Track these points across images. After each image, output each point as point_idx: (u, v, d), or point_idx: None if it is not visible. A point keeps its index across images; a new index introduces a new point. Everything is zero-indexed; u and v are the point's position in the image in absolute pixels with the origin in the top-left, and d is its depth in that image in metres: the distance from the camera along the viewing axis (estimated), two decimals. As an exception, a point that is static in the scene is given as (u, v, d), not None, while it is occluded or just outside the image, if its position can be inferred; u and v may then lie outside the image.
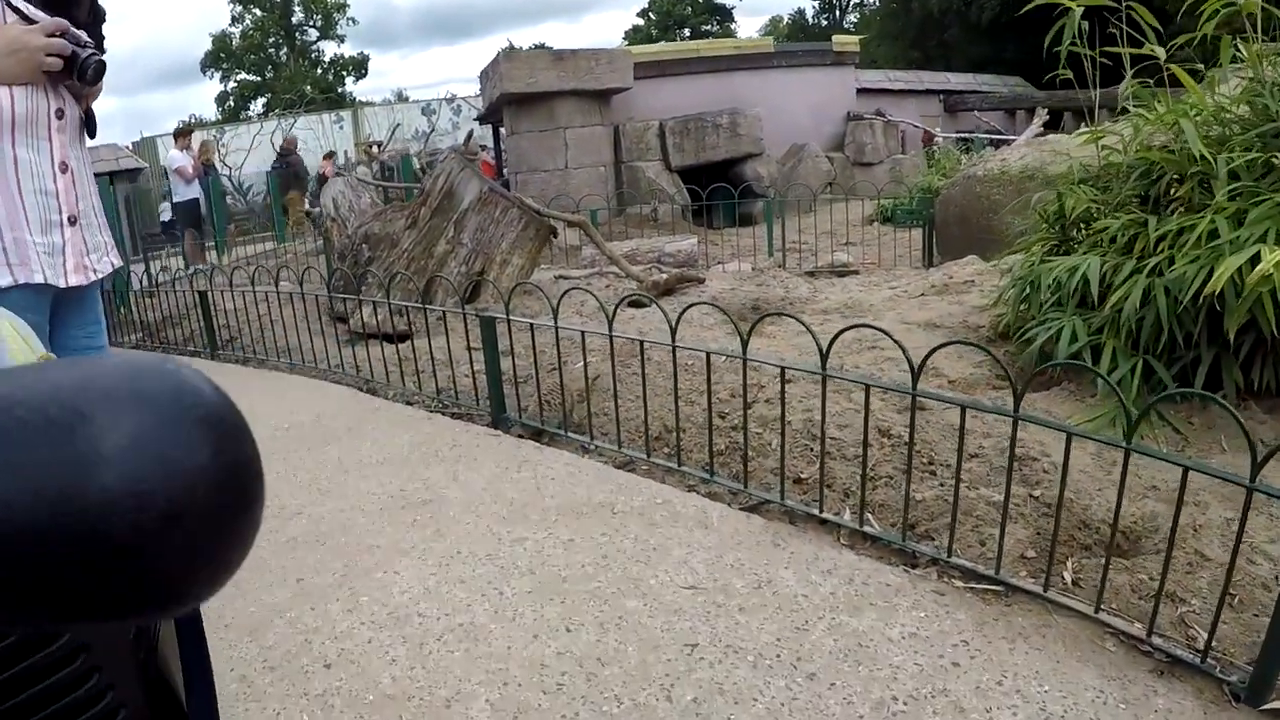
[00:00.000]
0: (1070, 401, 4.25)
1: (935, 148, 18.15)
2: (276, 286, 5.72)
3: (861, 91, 19.59)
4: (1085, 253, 4.46)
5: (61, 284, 2.61)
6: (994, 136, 18.85)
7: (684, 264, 8.67)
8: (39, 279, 2.54)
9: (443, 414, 4.78)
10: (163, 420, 0.45)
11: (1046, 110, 19.35)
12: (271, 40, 52.44)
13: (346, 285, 6.16)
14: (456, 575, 2.96)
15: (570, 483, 3.63)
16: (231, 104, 51.06)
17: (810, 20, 57.69)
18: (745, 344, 3.28)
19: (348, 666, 2.52)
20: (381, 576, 3.00)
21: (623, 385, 4.69)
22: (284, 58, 52.55)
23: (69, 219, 2.61)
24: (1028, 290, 4.69)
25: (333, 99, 46.19)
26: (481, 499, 3.53)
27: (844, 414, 3.99)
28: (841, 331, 3.12)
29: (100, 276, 2.78)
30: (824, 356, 3.07)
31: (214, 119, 45.01)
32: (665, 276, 7.05)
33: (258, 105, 49.44)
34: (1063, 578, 2.88)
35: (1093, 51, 4.84)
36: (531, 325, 4.20)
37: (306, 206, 15.58)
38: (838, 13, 56.48)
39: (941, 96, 24.05)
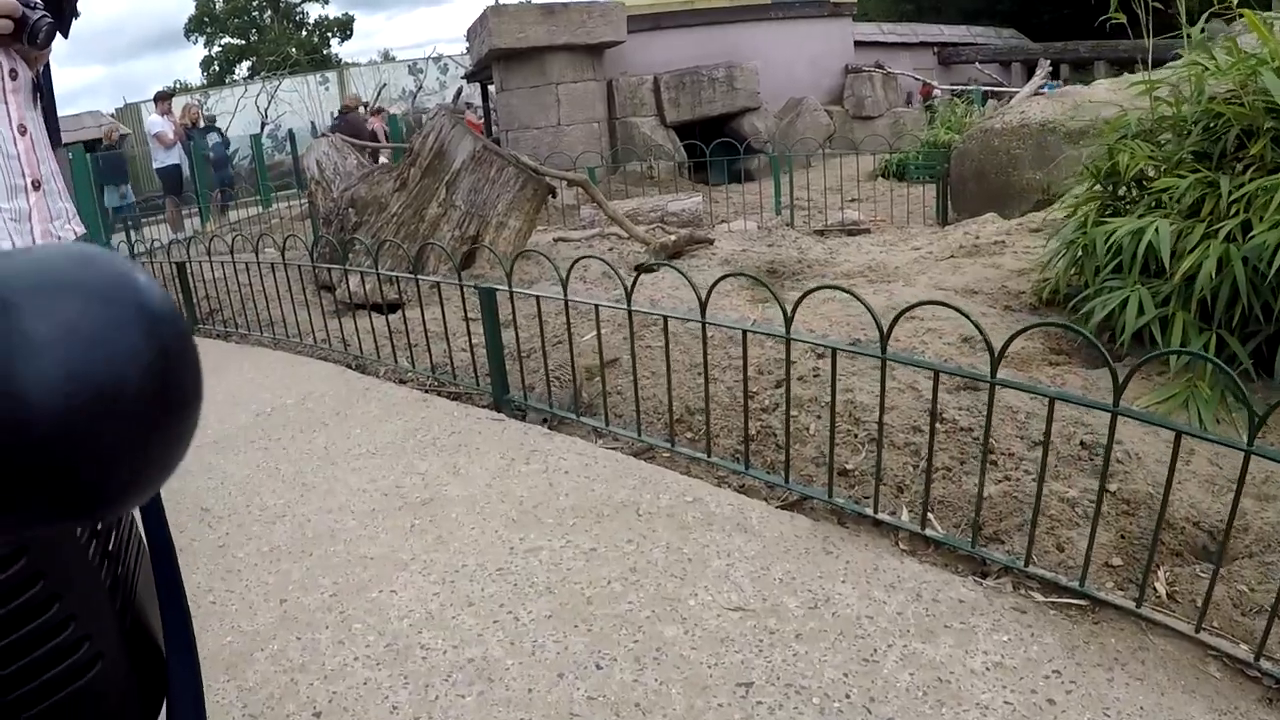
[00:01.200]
0: (1136, 380, 3.85)
1: (935, 100, 17.64)
2: (258, 256, 5.26)
3: (855, 45, 19.07)
4: (1143, 215, 4.06)
5: None
6: (994, 89, 18.37)
7: (688, 223, 8.24)
8: (6, 246, 2.23)
9: (439, 394, 4.37)
10: (95, 307, 0.45)
11: (1050, 62, 18.89)
12: (255, 3, 51.44)
13: (333, 254, 5.72)
14: (463, 595, 2.56)
15: (586, 476, 3.22)
16: (216, 68, 50.15)
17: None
18: (789, 321, 2.86)
19: (340, 715, 2.12)
20: (377, 596, 2.60)
21: (629, 360, 4.29)
22: (268, 21, 51.59)
23: (33, 183, 2.45)
24: (1080, 255, 4.29)
25: (318, 60, 45.38)
26: (487, 497, 3.13)
27: (890, 395, 3.59)
28: (905, 311, 2.71)
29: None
30: (884, 338, 2.67)
31: (199, 84, 44.23)
32: (673, 238, 6.61)
33: (243, 69, 48.55)
34: (1154, 589, 2.51)
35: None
36: (538, 298, 3.78)
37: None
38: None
39: (935, 49, 23.57)
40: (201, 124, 16.62)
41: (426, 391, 4.41)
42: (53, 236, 2.55)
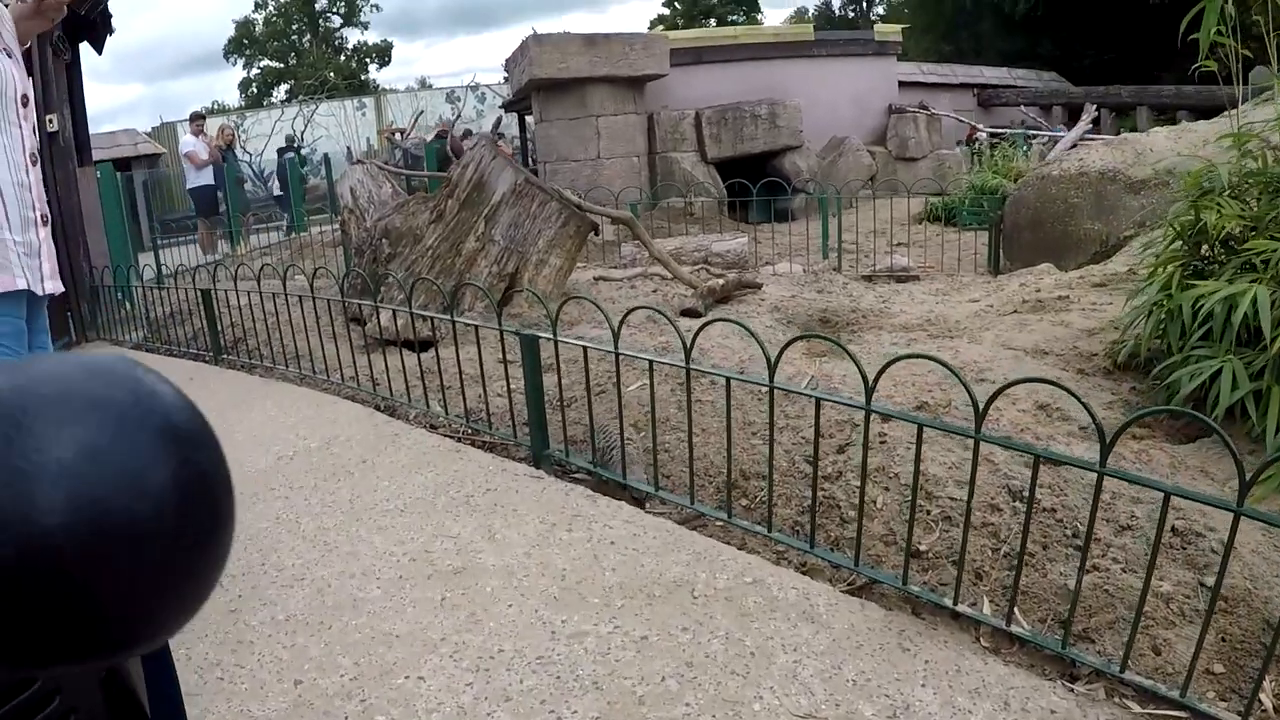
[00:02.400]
0: (1226, 458, 3.54)
1: (978, 144, 17.36)
2: (285, 286, 5.02)
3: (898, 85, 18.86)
4: (1232, 278, 3.76)
5: (40, 291, 2.31)
6: (1041, 132, 18.08)
7: (733, 265, 7.97)
8: (21, 284, 2.21)
9: (473, 444, 4.10)
10: (118, 428, 0.42)
11: (1096, 107, 18.63)
12: (295, 27, 51.98)
13: (364, 286, 5.47)
14: (500, 687, 2.27)
15: (634, 548, 2.93)
16: (254, 90, 50.66)
17: (837, 11, 56.64)
18: (870, 392, 2.57)
19: (356, 839, 1.84)
20: (403, 683, 2.32)
21: (680, 414, 4.01)
22: (307, 44, 52.08)
23: (41, 217, 2.29)
24: (1164, 319, 3.99)
25: (355, 85, 45.72)
26: (525, 568, 2.84)
27: (961, 466, 3.29)
28: (1005, 388, 2.41)
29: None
30: (979, 417, 2.38)
31: (237, 105, 44.61)
32: (721, 281, 6.34)
33: (280, 92, 48.97)
34: (1260, 702, 2.21)
35: (1233, 42, 4.16)
36: (585, 349, 3.49)
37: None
38: (864, 3, 55.43)
39: (975, 90, 23.36)
40: (237, 147, 16.64)
41: (459, 440, 4.14)
42: (58, 278, 2.38)
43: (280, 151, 20.10)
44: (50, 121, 7.91)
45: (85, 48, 8.86)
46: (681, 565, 2.80)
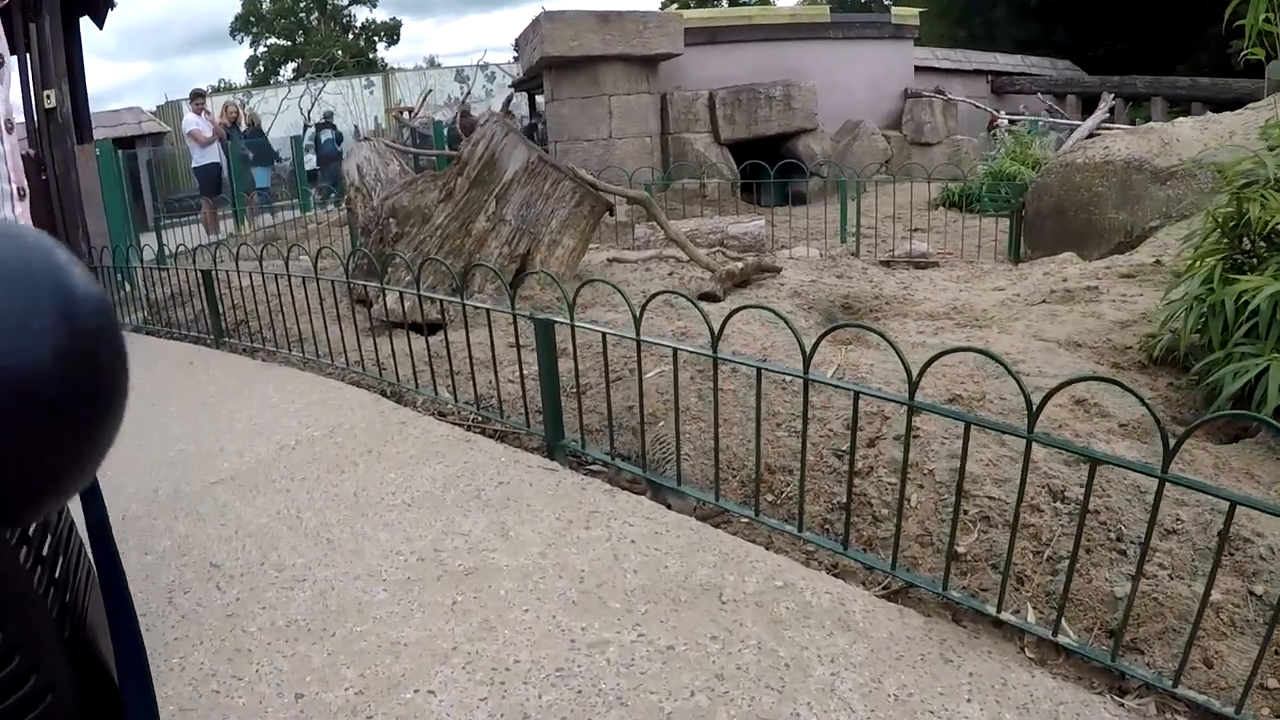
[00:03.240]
0: (1270, 459, 3.35)
1: (999, 130, 17.10)
2: (287, 268, 4.83)
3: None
4: (1276, 274, 3.57)
5: None
6: (1061, 121, 17.82)
7: (749, 248, 7.77)
8: None
9: (483, 433, 3.92)
10: (9, 284, 0.42)
11: (1113, 95, 18.36)
12: (302, 4, 51.63)
13: (370, 267, 5.29)
14: (517, 703, 2.10)
15: (656, 548, 2.75)
16: (261, 69, 50.40)
17: (850, -6, 56.09)
18: (914, 387, 2.38)
19: None
20: (411, 698, 2.14)
21: (700, 403, 3.83)
22: (314, 22, 51.75)
23: (18, 190, 2.05)
24: (1204, 314, 3.80)
25: (364, 63, 45.46)
26: (541, 570, 2.67)
27: (999, 463, 3.11)
28: (1060, 388, 2.22)
29: None
30: (1032, 417, 2.19)
31: (244, 84, 44.38)
32: (740, 265, 6.13)
33: (288, 70, 48.71)
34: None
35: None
36: (604, 334, 3.31)
37: None
38: (879, -15, 54.90)
39: (989, 77, 23.08)
40: (242, 124, 16.53)
41: (469, 429, 3.96)
42: None
43: (319, 127, 20.22)
44: (48, 98, 7.73)
45: (86, 22, 8.67)
46: (708, 567, 2.62)
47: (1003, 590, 2.38)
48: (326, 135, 18.99)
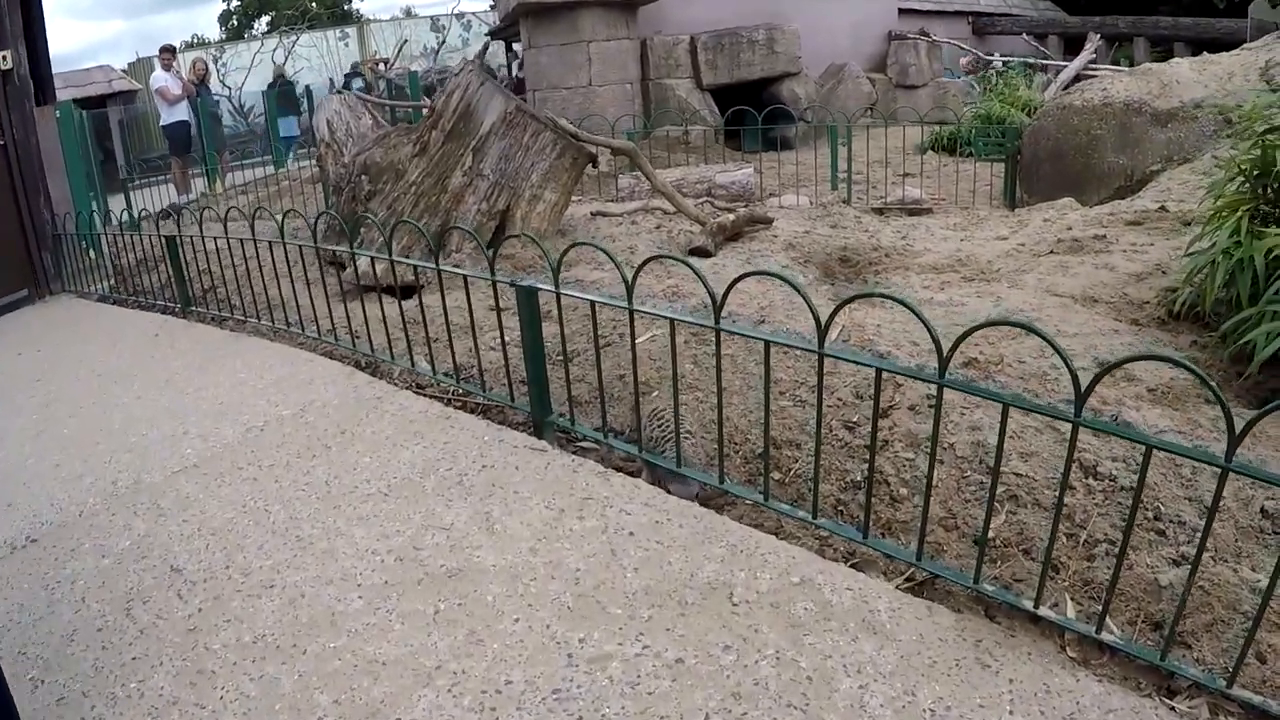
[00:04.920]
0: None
1: (989, 70, 16.73)
2: (253, 231, 4.52)
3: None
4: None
5: None
6: (1048, 63, 17.48)
7: (738, 197, 7.48)
8: None
9: (464, 408, 3.67)
10: None
11: (1099, 36, 18.06)
12: (274, -44, 50.51)
13: (340, 229, 4.99)
14: (508, 735, 1.86)
15: (658, 541, 2.51)
16: (235, 23, 49.36)
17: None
18: (944, 364, 2.13)
19: None
20: (390, 730, 1.91)
21: (696, 370, 3.58)
22: (287, -27, 50.68)
23: None
24: (1231, 269, 3.56)
25: (338, 15, 44.55)
26: (531, 569, 2.42)
27: (1023, 435, 2.87)
28: (1115, 365, 1.97)
29: None
30: (1080, 399, 1.94)
31: (217, 39, 43.48)
32: (732, 217, 5.84)
33: (261, 24, 47.72)
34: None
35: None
36: (593, 304, 3.04)
37: None
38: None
39: (970, 18, 22.61)
40: (213, 80, 16.31)
41: (449, 404, 3.71)
42: None
43: (347, 76, 20.29)
44: (3, 59, 7.35)
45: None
46: (715, 562, 2.39)
47: (1041, 583, 2.15)
48: (358, 84, 18.84)
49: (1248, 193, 3.79)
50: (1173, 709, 1.88)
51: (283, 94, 17.35)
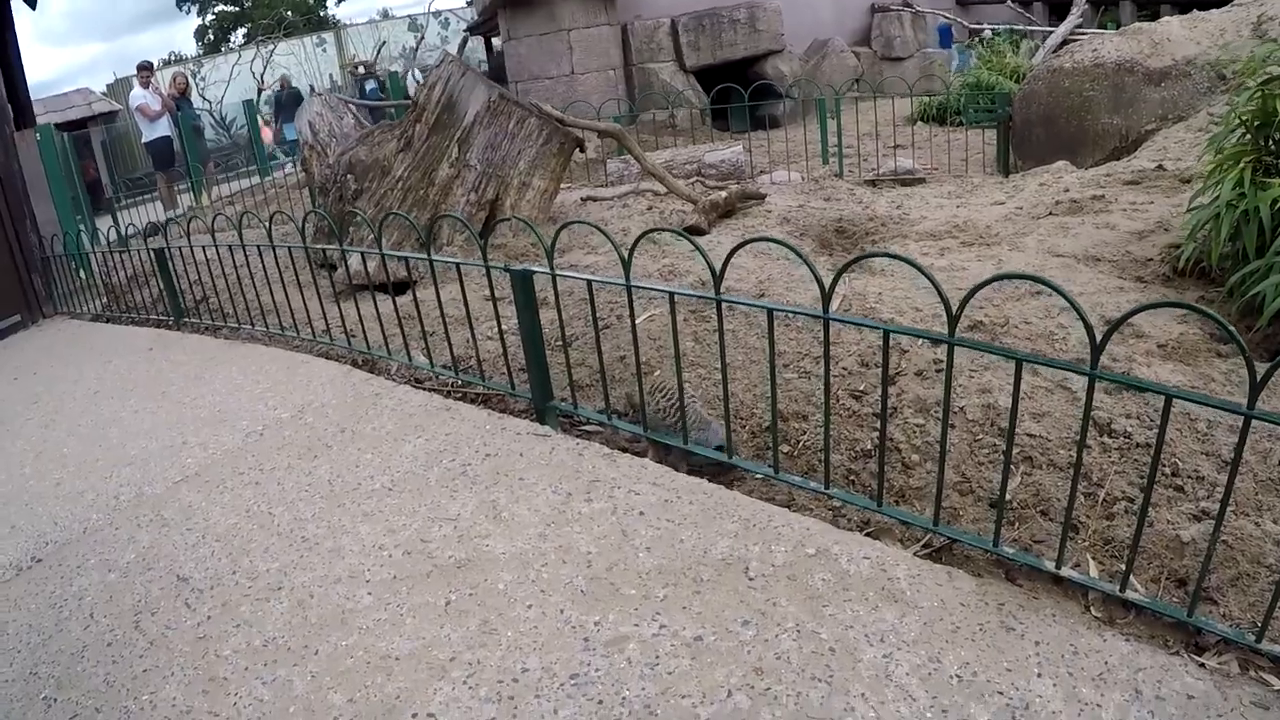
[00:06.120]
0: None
1: (980, 39, 16.63)
2: (241, 238, 4.47)
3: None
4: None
5: None
6: (1034, 29, 17.38)
7: (728, 175, 7.42)
8: None
9: (464, 399, 3.63)
10: None
11: (1085, 1, 17.96)
12: (246, -33, 50.27)
13: (330, 229, 4.94)
14: (528, 723, 1.82)
15: (669, 519, 2.47)
16: (211, 37, 49.18)
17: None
18: (954, 320, 2.08)
19: None
20: (408, 725, 1.87)
21: (697, 348, 3.54)
22: (260, -16, 50.45)
23: None
24: (1236, 221, 3.51)
25: (314, 22, 44.39)
26: (542, 555, 2.38)
27: (1035, 395, 2.83)
28: (1129, 316, 1.92)
29: None
30: (1095, 352, 1.90)
31: (195, 54, 43.32)
32: (724, 194, 5.79)
33: (238, 36, 47.54)
34: None
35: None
36: (590, 282, 2.99)
37: None
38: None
39: (953, -13, 22.51)
40: (193, 95, 16.26)
41: (449, 395, 3.67)
42: None
43: (361, 77, 20.65)
44: (-24, 88, 7.31)
45: (17, 3, 8.23)
46: (728, 537, 2.34)
47: (1062, 543, 2.11)
48: (370, 85, 18.86)
49: (1249, 144, 3.74)
50: (1202, 665, 1.83)
51: (288, 99, 17.67)
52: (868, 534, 2.47)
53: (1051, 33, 16.08)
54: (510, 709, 1.86)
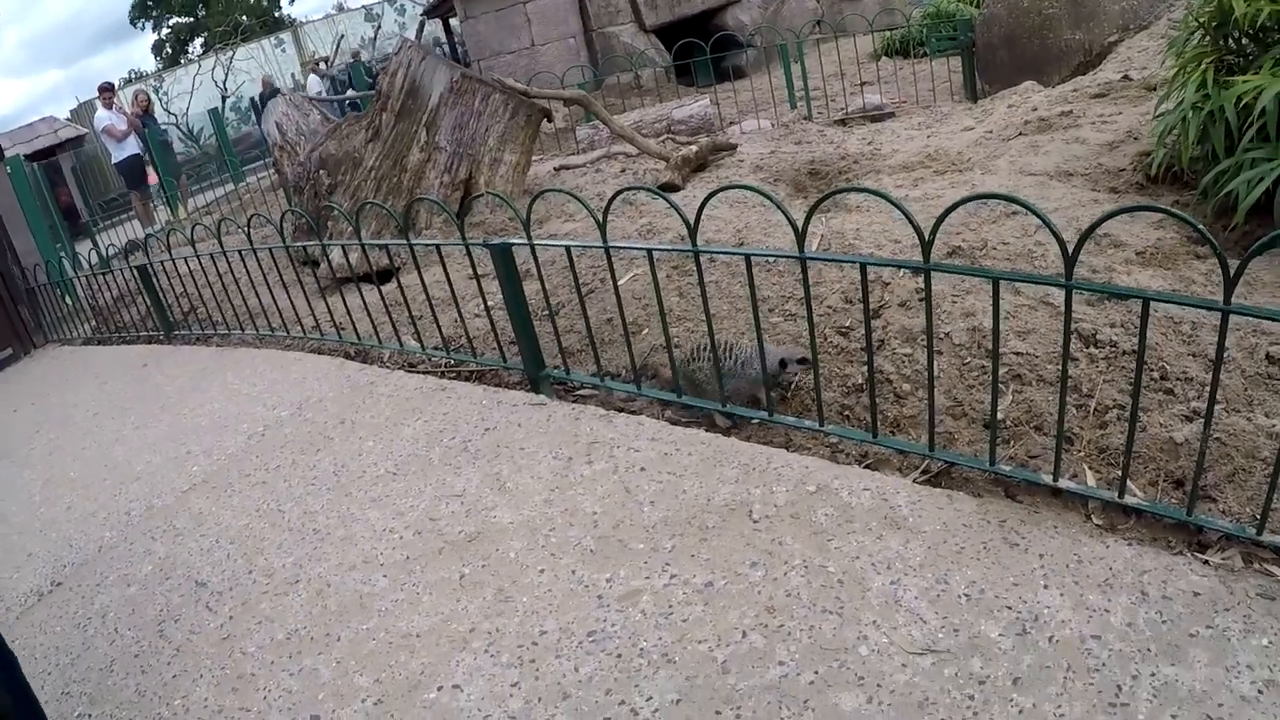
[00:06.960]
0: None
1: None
2: (221, 244, 4.48)
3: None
4: (1274, 71, 3.28)
5: None
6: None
7: (698, 130, 7.41)
8: None
9: (459, 378, 3.65)
10: None
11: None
12: (196, -25, 49.75)
13: (310, 226, 4.95)
14: (552, 682, 1.86)
15: (670, 471, 2.50)
16: (168, 51, 48.72)
17: None
18: (928, 247, 2.10)
19: None
20: (436, 698, 1.91)
21: (681, 303, 3.57)
22: (212, -8, 49.97)
23: None
24: (1203, 123, 3.51)
25: (270, 23, 44.01)
26: (549, 520, 2.42)
27: (1017, 314, 2.86)
28: (1097, 224, 1.95)
29: None
30: (1070, 263, 1.92)
31: (155, 69, 42.98)
32: (695, 149, 5.79)
33: (196, 46, 47.12)
34: None
35: None
36: (568, 248, 3.01)
37: None
38: None
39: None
40: (156, 110, 16.06)
41: (443, 376, 3.69)
42: None
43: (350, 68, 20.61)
44: (-61, 125, 7.27)
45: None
46: (730, 483, 2.38)
47: (1058, 455, 2.14)
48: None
49: (1209, 46, 3.74)
50: (1206, 562, 1.86)
51: (273, 98, 17.78)
52: (866, 466, 2.51)
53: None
54: (533, 671, 1.90)
